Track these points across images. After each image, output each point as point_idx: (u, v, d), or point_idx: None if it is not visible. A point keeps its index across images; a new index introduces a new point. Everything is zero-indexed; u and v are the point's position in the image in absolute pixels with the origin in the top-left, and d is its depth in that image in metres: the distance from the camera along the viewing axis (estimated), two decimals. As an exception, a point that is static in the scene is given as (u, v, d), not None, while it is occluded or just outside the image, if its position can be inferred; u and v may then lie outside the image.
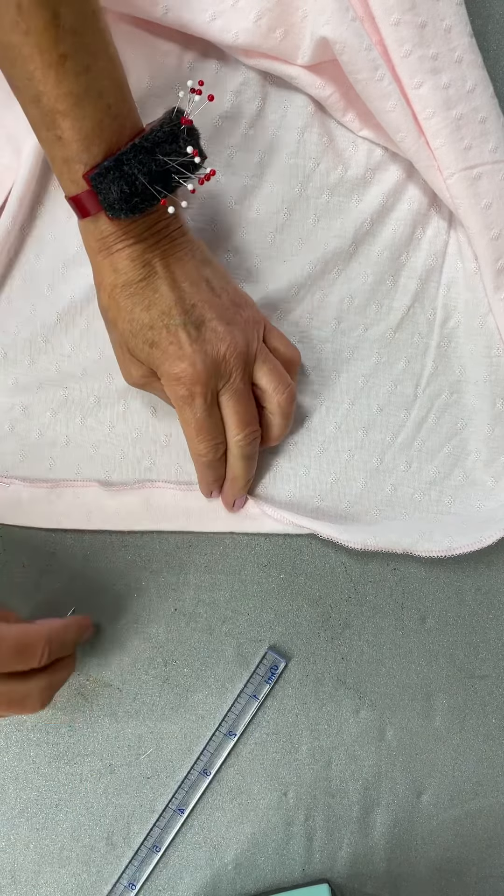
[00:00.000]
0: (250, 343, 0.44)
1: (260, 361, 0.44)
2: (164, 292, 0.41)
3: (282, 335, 0.47)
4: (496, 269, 0.48)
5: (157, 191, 0.38)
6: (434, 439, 0.50)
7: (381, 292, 0.50)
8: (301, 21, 0.46)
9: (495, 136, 0.46)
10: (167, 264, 0.42)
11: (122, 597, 0.48)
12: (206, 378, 0.42)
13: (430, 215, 0.50)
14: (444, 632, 0.50)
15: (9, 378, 0.48)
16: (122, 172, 0.38)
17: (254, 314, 0.45)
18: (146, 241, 0.41)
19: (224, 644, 0.48)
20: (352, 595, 0.49)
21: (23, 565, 0.48)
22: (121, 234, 0.41)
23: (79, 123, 0.38)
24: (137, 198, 0.38)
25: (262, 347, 0.45)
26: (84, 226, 0.41)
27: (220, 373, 0.42)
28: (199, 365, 0.42)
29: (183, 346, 0.41)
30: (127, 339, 0.42)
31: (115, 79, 0.39)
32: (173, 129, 0.38)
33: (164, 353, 0.42)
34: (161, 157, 0.38)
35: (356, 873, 0.48)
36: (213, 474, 0.46)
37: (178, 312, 0.41)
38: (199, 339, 0.42)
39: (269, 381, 0.45)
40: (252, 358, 0.44)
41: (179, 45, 0.48)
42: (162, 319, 0.41)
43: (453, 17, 0.45)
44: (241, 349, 0.43)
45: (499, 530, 0.47)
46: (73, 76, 0.37)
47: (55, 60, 0.36)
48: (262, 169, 0.49)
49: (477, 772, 0.49)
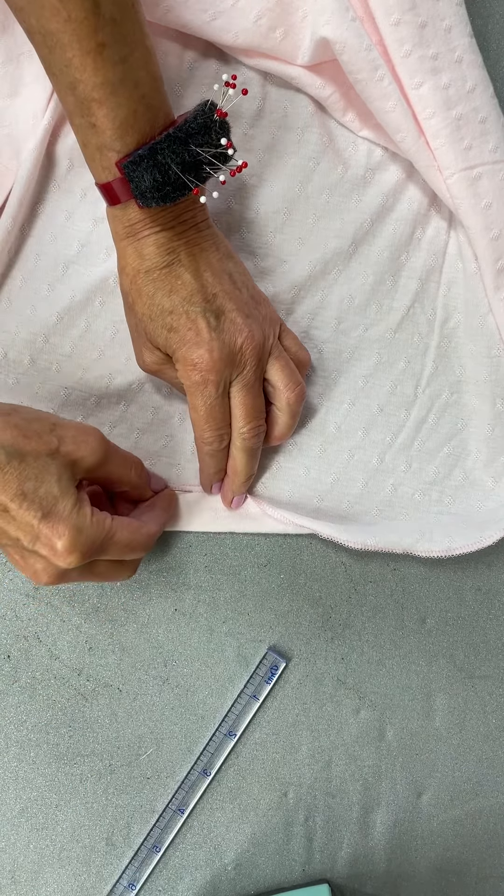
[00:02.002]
0: (267, 338, 0.44)
1: (274, 358, 0.45)
2: (186, 280, 0.42)
3: (295, 337, 0.47)
4: (496, 269, 0.48)
5: (189, 180, 0.39)
6: (434, 439, 0.50)
7: (381, 292, 0.50)
8: (301, 21, 0.46)
9: (495, 136, 0.46)
10: (192, 253, 0.42)
11: (122, 597, 0.48)
12: (221, 367, 0.42)
13: (430, 215, 0.50)
14: (444, 632, 0.50)
15: (9, 378, 0.48)
16: (156, 161, 0.38)
17: (271, 312, 0.45)
18: (173, 229, 0.41)
19: (224, 644, 0.48)
20: (352, 595, 0.49)
21: (23, 565, 0.48)
22: (148, 222, 0.41)
23: (114, 112, 0.38)
24: (169, 187, 0.39)
25: (276, 344, 0.45)
26: (112, 213, 0.42)
27: (234, 363, 0.43)
28: (216, 353, 0.42)
29: (201, 333, 0.42)
30: (146, 323, 0.43)
31: (150, 70, 0.39)
32: (206, 121, 0.39)
33: (182, 338, 0.42)
34: (194, 147, 0.38)
35: (356, 873, 0.48)
36: (215, 465, 0.46)
37: (199, 300, 0.42)
38: (218, 328, 0.42)
39: (280, 378, 0.45)
40: (267, 353, 0.44)
41: (179, 45, 0.48)
42: (183, 306, 0.42)
43: (453, 17, 0.45)
44: (258, 343, 0.43)
45: (499, 530, 0.47)
46: (110, 65, 0.38)
47: (94, 49, 0.37)
48: (262, 169, 0.49)
49: (477, 772, 0.49)
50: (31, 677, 0.48)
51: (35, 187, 0.47)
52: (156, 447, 0.49)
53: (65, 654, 0.48)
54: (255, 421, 0.45)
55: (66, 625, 0.48)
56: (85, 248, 0.48)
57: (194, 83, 0.48)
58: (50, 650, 0.48)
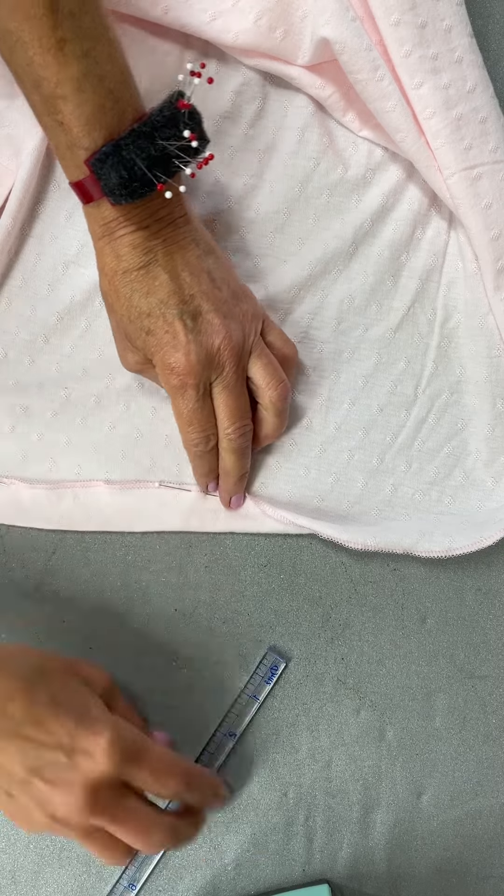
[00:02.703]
0: (246, 337, 0.44)
1: (255, 356, 0.44)
2: (163, 281, 0.41)
3: (281, 331, 0.47)
4: (496, 269, 0.48)
5: (157, 176, 0.38)
6: (434, 439, 0.50)
7: (381, 292, 0.50)
8: (301, 21, 0.46)
9: (495, 136, 0.46)
10: (169, 252, 0.41)
11: (122, 597, 0.48)
12: (199, 370, 0.42)
13: (431, 215, 0.50)
14: (444, 632, 0.50)
15: (9, 378, 0.48)
16: (122, 158, 0.37)
17: (253, 308, 0.45)
18: (149, 227, 0.41)
19: (224, 644, 0.48)
20: (352, 595, 0.49)
21: (23, 565, 0.48)
22: (123, 220, 0.40)
23: (79, 108, 0.38)
24: (137, 183, 0.38)
25: (258, 342, 0.44)
26: (87, 211, 0.41)
27: (213, 365, 0.42)
28: (193, 356, 0.42)
29: (178, 336, 0.41)
30: (125, 324, 0.43)
31: (116, 63, 0.39)
32: (173, 112, 0.38)
33: (159, 342, 0.42)
34: (161, 141, 0.38)
35: (356, 873, 0.48)
36: (205, 466, 0.46)
37: (175, 302, 0.41)
38: (195, 329, 0.42)
39: (262, 377, 0.44)
40: (247, 352, 0.44)
41: (179, 45, 0.48)
42: (159, 308, 0.41)
43: (453, 18, 0.45)
44: (236, 343, 0.43)
45: (499, 530, 0.47)
46: (73, 60, 0.37)
47: (54, 45, 0.37)
48: (262, 169, 0.49)
49: (477, 772, 0.49)
50: (31, 677, 0.48)
51: (35, 187, 0.47)
52: (156, 447, 0.49)
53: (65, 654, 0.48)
54: (239, 421, 0.44)
55: (66, 625, 0.48)
56: (85, 248, 0.48)
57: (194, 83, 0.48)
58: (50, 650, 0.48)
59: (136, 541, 0.48)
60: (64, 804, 0.35)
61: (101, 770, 0.35)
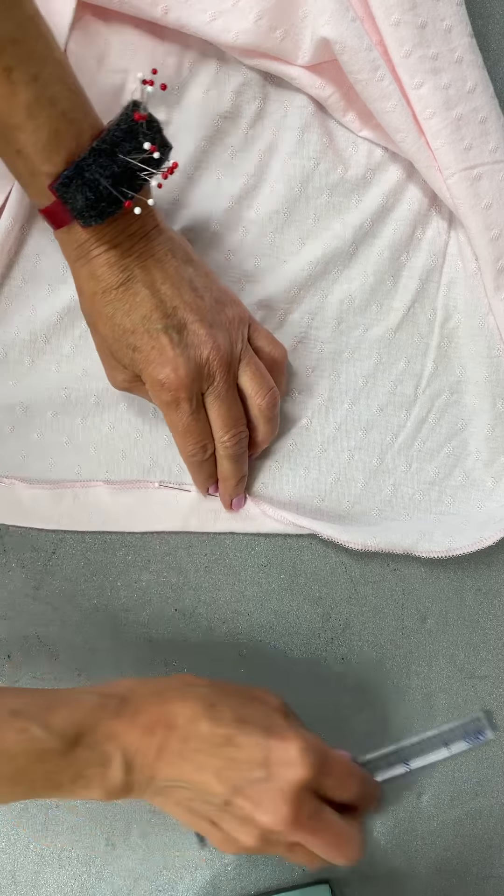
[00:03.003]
0: (234, 344, 0.43)
1: (244, 364, 0.44)
2: (143, 297, 0.41)
3: (268, 334, 0.46)
4: (496, 269, 0.48)
5: (123, 192, 0.37)
6: (434, 439, 0.50)
7: (381, 292, 0.50)
8: (301, 21, 0.46)
9: (495, 136, 0.46)
10: (146, 267, 0.41)
11: (122, 597, 0.48)
12: (190, 382, 0.41)
13: (431, 215, 0.50)
14: (444, 632, 0.50)
15: (9, 378, 0.48)
16: (85, 179, 0.37)
17: (239, 313, 0.44)
18: (121, 245, 0.40)
19: (224, 644, 0.48)
20: (352, 595, 0.49)
21: (23, 565, 0.48)
22: (95, 241, 0.40)
23: (35, 135, 0.37)
24: (104, 203, 0.37)
25: (246, 348, 0.44)
26: (59, 236, 0.41)
27: (203, 377, 0.42)
28: (182, 370, 0.41)
29: (165, 351, 0.41)
30: (110, 344, 0.42)
31: (66, 83, 0.38)
32: (131, 125, 0.37)
33: (146, 358, 0.41)
34: (122, 156, 0.37)
35: (356, 873, 0.48)
36: (205, 473, 0.46)
37: (158, 316, 0.41)
38: (182, 343, 0.41)
39: (251, 386, 0.44)
40: (236, 360, 0.43)
41: (179, 45, 0.48)
42: (143, 324, 0.41)
43: (453, 18, 0.45)
44: (225, 352, 0.42)
45: (499, 530, 0.47)
46: (21, 87, 0.36)
47: (0, 74, 0.35)
48: (262, 169, 0.49)
49: (477, 772, 0.49)
50: (31, 677, 0.47)
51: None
52: (156, 447, 0.49)
53: (65, 654, 0.48)
54: (234, 429, 0.44)
55: (66, 625, 0.48)
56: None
57: (194, 83, 0.48)
58: (50, 650, 0.48)
59: (136, 541, 0.48)
60: (270, 818, 0.35)
61: (300, 776, 0.35)
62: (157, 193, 0.48)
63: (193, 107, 0.48)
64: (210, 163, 0.49)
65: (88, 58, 0.46)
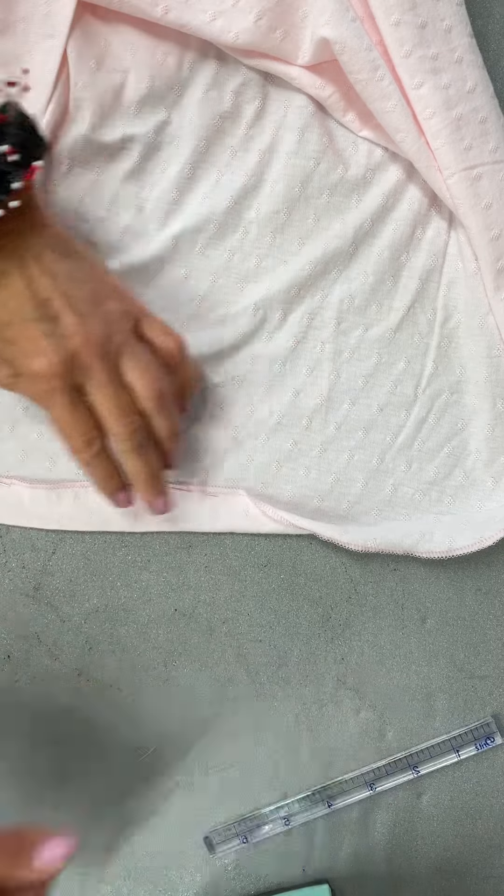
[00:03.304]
0: (111, 335, 0.42)
1: (126, 356, 0.43)
2: (18, 289, 0.40)
3: (162, 325, 0.45)
4: (496, 269, 0.48)
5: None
6: (434, 439, 0.50)
7: (381, 292, 0.50)
8: (301, 21, 0.46)
9: (495, 136, 0.46)
10: (22, 262, 0.40)
11: (122, 597, 0.48)
12: (62, 373, 0.41)
13: (431, 215, 0.50)
14: (444, 632, 0.50)
15: (9, 378, 0.48)
16: None
17: (122, 305, 0.43)
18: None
19: (224, 644, 0.48)
20: (352, 595, 0.49)
21: (23, 565, 0.48)
22: None
23: None
24: None
25: (128, 341, 0.43)
26: None
27: (76, 367, 0.41)
28: (54, 359, 0.40)
29: (38, 342, 0.40)
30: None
31: None
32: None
33: (21, 350, 0.41)
34: None
35: (356, 873, 0.48)
36: (98, 472, 0.44)
37: (31, 308, 0.40)
38: (54, 333, 0.40)
39: (133, 378, 0.43)
40: (114, 351, 0.42)
41: (179, 45, 0.48)
42: (18, 316, 0.40)
43: (453, 18, 0.45)
44: (97, 342, 0.41)
45: (499, 530, 0.47)
46: None
47: None
48: (262, 169, 0.49)
49: (477, 772, 0.49)
50: (31, 677, 0.48)
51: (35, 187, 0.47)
52: (156, 447, 0.49)
53: (65, 654, 0.48)
54: (123, 419, 0.42)
55: (66, 625, 0.48)
56: (85, 248, 0.48)
57: (194, 83, 0.48)
58: (50, 650, 0.48)
59: (136, 541, 0.48)
60: None
61: None
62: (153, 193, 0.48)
63: (193, 107, 0.48)
64: (210, 163, 0.49)
65: (88, 58, 0.46)
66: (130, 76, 0.47)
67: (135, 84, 0.47)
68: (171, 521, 0.48)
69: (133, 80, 0.47)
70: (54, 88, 0.46)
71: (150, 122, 0.48)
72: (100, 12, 0.47)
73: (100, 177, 0.48)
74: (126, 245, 0.49)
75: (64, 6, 0.45)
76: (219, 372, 0.49)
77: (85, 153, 0.48)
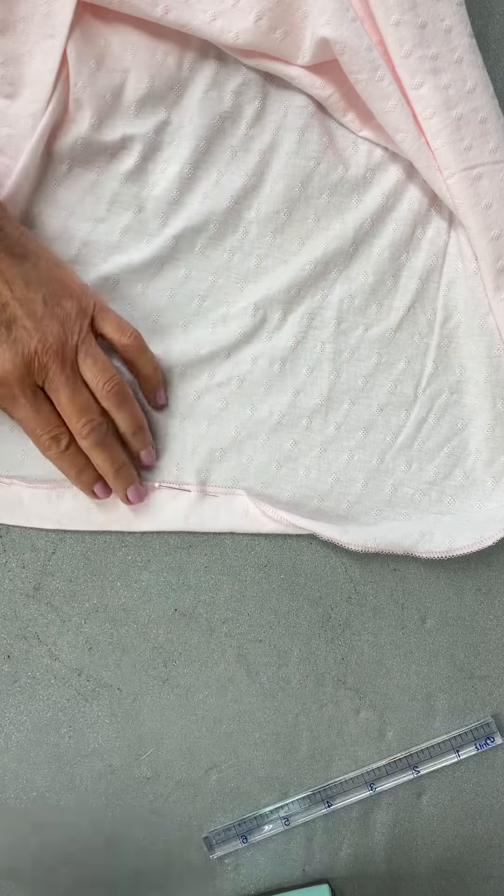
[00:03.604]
0: (68, 336, 0.43)
1: (83, 355, 0.44)
2: None
3: (117, 321, 0.46)
4: (496, 269, 0.48)
5: None
6: (434, 439, 0.50)
7: (381, 292, 0.50)
8: (301, 21, 0.46)
9: (495, 136, 0.46)
10: None
11: (122, 597, 0.48)
12: (20, 375, 0.42)
13: (431, 215, 0.50)
14: (444, 632, 0.50)
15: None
16: None
17: (78, 303, 0.44)
18: None
19: (224, 644, 0.48)
20: (352, 595, 0.49)
21: (23, 565, 0.48)
22: None
23: None
24: None
25: (85, 339, 0.44)
26: None
27: (34, 369, 0.42)
28: (10, 363, 0.42)
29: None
30: None
31: None
32: None
33: None
34: None
35: (356, 873, 0.48)
36: (71, 467, 0.46)
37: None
38: (10, 338, 0.42)
39: (90, 375, 0.44)
40: (71, 350, 0.43)
41: (179, 45, 0.48)
42: None
43: (453, 18, 0.45)
44: (53, 342, 0.42)
45: (499, 530, 0.47)
46: None
47: None
48: (262, 169, 0.49)
49: (477, 772, 0.49)
50: (31, 677, 0.48)
51: (35, 187, 0.48)
52: (156, 446, 0.49)
53: (65, 654, 0.48)
54: (84, 416, 0.44)
55: (66, 625, 0.48)
56: (85, 247, 0.48)
57: (194, 83, 0.48)
58: (50, 650, 0.48)
59: (136, 541, 0.48)
60: None
61: None
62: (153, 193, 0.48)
63: (193, 107, 0.48)
64: (210, 163, 0.49)
65: (88, 58, 0.46)
66: (130, 76, 0.47)
67: (135, 84, 0.47)
68: (170, 521, 0.48)
69: (133, 80, 0.47)
70: (54, 88, 0.46)
71: (150, 122, 0.48)
72: (100, 12, 0.47)
73: (100, 177, 0.48)
74: (126, 245, 0.49)
75: (64, 6, 0.45)
76: (219, 372, 0.49)
77: (85, 153, 0.48)
